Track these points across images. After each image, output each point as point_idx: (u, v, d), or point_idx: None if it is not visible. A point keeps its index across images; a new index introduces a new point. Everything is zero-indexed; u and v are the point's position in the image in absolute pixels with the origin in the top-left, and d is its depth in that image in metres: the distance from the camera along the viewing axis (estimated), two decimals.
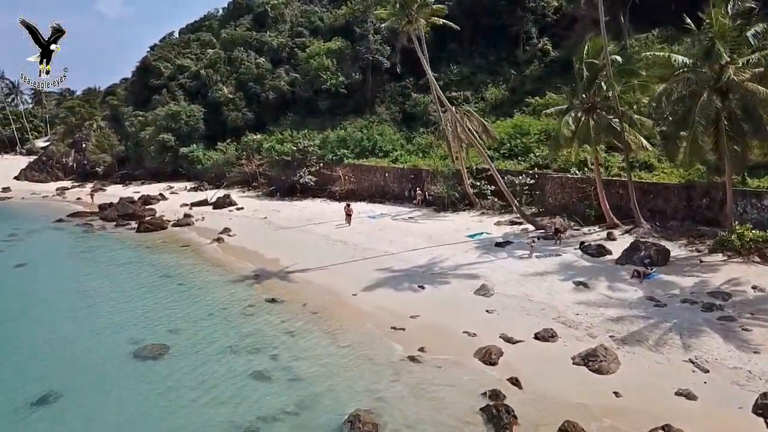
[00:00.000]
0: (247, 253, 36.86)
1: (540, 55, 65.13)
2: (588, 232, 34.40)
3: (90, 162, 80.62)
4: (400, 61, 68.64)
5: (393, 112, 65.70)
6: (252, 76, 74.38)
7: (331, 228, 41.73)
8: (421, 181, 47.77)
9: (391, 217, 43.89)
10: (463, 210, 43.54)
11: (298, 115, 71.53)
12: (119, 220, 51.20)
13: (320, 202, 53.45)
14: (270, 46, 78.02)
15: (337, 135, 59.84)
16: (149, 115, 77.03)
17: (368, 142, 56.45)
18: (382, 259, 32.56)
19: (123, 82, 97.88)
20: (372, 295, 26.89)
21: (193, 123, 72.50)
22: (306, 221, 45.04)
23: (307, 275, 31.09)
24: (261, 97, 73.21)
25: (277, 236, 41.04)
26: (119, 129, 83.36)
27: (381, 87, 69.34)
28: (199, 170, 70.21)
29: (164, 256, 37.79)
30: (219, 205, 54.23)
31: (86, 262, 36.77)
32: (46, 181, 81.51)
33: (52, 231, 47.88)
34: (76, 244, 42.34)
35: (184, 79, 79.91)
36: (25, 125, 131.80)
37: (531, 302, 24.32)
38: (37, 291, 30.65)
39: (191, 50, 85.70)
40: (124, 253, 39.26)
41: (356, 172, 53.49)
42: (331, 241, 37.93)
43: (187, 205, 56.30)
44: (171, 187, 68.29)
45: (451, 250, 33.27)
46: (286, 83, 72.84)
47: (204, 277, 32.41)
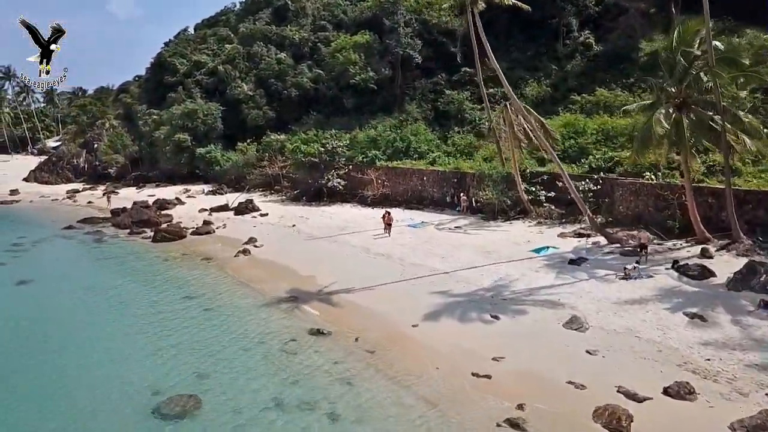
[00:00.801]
0: (279, 269, 32.49)
1: (582, 50, 60.45)
2: (674, 247, 29.67)
3: (102, 163, 76.76)
4: (428, 55, 64.13)
5: (424, 110, 61.22)
6: (273, 73, 70.17)
7: (369, 238, 37.30)
8: (465, 185, 43.20)
9: (434, 226, 39.38)
10: (516, 218, 38.95)
11: (322, 114, 67.31)
12: (133, 227, 47.05)
13: (350, 207, 49.04)
14: (291, 40, 73.81)
15: (366, 135, 55.43)
16: (164, 113, 72.97)
17: (402, 143, 51.96)
18: (436, 279, 28.04)
19: (136, 79, 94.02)
20: (436, 327, 22.39)
21: (210, 122, 68.35)
22: (339, 230, 40.65)
23: (351, 297, 26.65)
24: (282, 95, 69.03)
25: (310, 248, 36.65)
26: (132, 128, 79.45)
27: (411, 83, 64.87)
28: (217, 172, 66.05)
29: (184, 272, 33.48)
30: (241, 211, 49.94)
31: (96, 280, 32.46)
32: (57, 182, 77.71)
33: (60, 240, 43.78)
34: (86, 257, 38.15)
35: (201, 76, 75.78)
36: (36, 125, 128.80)
37: (641, 341, 19.70)
38: (39, 318, 26.21)
39: (208, 46, 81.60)
40: (138, 267, 34.99)
41: (390, 175, 49.04)
42: (372, 255, 33.49)
43: (206, 211, 52.08)
44: (187, 190, 64.16)
45: (516, 268, 28.69)
46: (308, 80, 68.66)
47: (232, 299, 28.02)
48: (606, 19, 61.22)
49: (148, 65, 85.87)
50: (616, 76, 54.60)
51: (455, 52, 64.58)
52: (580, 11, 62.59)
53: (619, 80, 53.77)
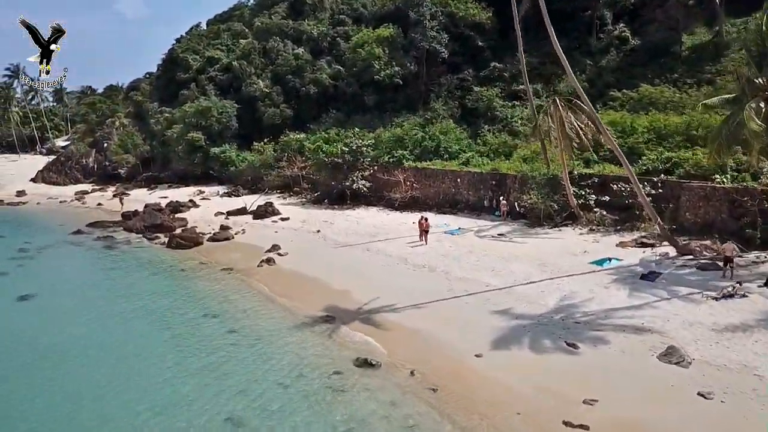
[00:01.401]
0: (308, 282, 29.26)
1: (617, 43, 56.98)
2: (758, 260, 26.18)
3: (112, 163, 73.76)
4: (454, 50, 60.71)
5: (451, 107, 57.89)
6: (290, 69, 66.98)
7: (404, 247, 34.03)
8: (505, 188, 39.81)
9: (474, 233, 36.03)
10: (564, 225, 35.52)
11: (342, 112, 64.06)
12: (146, 232, 44.00)
13: (377, 211, 45.75)
14: (309, 35, 70.58)
15: (392, 134, 52.08)
16: (176, 111, 69.86)
17: (431, 142, 48.56)
18: (491, 297, 24.72)
19: (147, 77, 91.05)
20: (505, 358, 19.07)
21: (225, 120, 65.22)
22: (369, 237, 37.39)
23: (397, 318, 23.37)
24: (300, 92, 65.84)
25: (340, 257, 33.40)
26: (143, 127, 76.44)
27: (436, 79, 61.53)
28: (233, 173, 62.92)
29: (204, 284, 30.29)
30: (260, 215, 46.75)
31: (105, 295, 29.16)
32: (65, 183, 74.78)
33: (68, 246, 40.69)
34: (95, 266, 35.02)
35: (215, 72, 72.67)
36: (45, 124, 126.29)
37: (762, 380, 16.31)
38: (41, 343, 22.96)
39: (221, 41, 78.46)
40: (152, 280, 31.76)
41: (419, 176, 45.70)
42: (411, 266, 30.17)
43: (222, 214, 48.94)
44: (201, 191, 61.06)
45: (581, 283, 25.30)
46: (328, 76, 65.35)
47: (260, 318, 24.79)
48: (644, 10, 57.71)
49: (160, 62, 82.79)
50: (657, 71, 51.20)
51: (483, 47, 61.38)
52: (615, 3, 59.14)
53: (661, 75, 50.40)
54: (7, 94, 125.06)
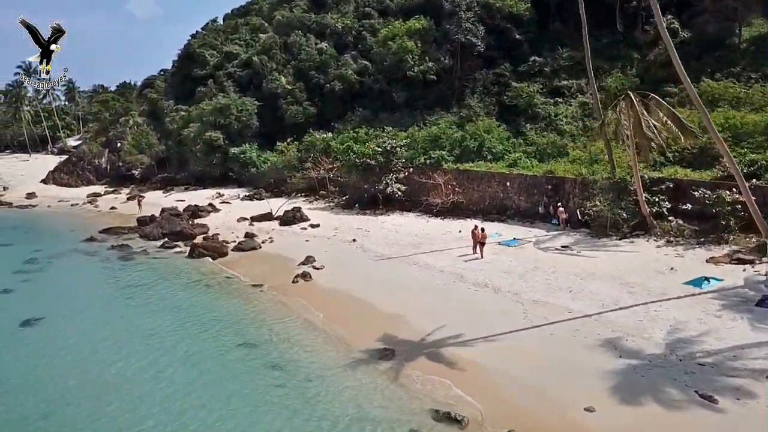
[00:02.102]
0: (354, 303, 25.44)
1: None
2: None
3: (125, 163, 70.30)
4: (489, 43, 56.73)
5: (487, 104, 53.97)
6: (313, 64, 63.37)
7: (456, 260, 30.16)
8: (563, 193, 35.81)
9: (533, 245, 32.10)
10: (635, 236, 31.46)
11: (369, 110, 60.29)
12: (164, 240, 40.43)
13: (414, 218, 41.90)
14: (333, 29, 66.87)
15: (427, 132, 48.16)
16: (193, 109, 66.43)
17: (473, 142, 44.58)
18: (579, 326, 20.78)
19: (162, 73, 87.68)
20: (628, 415, 15.13)
21: (245, 119, 61.63)
22: (412, 248, 33.57)
23: (470, 354, 19.49)
24: (324, 89, 62.15)
25: (384, 272, 29.55)
26: (158, 126, 73.05)
27: (470, 75, 57.58)
28: (253, 175, 59.30)
29: (234, 304, 26.54)
30: (288, 221, 43.01)
31: (122, 318, 25.41)
32: (76, 185, 71.46)
33: (80, 256, 37.11)
34: (110, 282, 31.22)
35: (233, 68, 69.15)
36: (56, 123, 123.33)
37: None
38: (45, 385, 19.27)
39: (240, 36, 74.94)
40: (175, 299, 27.92)
41: (461, 179, 41.77)
42: (470, 285, 26.26)
43: (246, 220, 45.26)
44: (220, 194, 57.46)
45: (683, 310, 21.29)
46: (353, 72, 61.59)
47: (306, 352, 20.94)
48: (694, 0, 53.51)
49: (175, 58, 79.34)
50: (714, 65, 47.06)
51: (520, 40, 57.40)
52: None
53: (720, 69, 46.28)
54: (18, 92, 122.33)
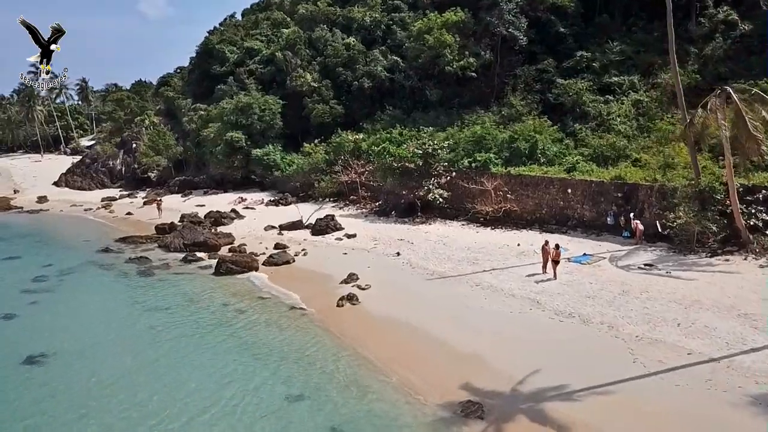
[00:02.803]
0: (417, 337, 21.53)
1: (723, 29, 48.37)
2: None
3: (141, 166, 66.79)
4: (529, 37, 52.62)
5: (530, 102, 49.87)
6: (340, 60, 59.45)
7: (525, 281, 26.22)
8: (637, 202, 31.71)
9: (609, 262, 28.07)
10: (727, 252, 27.33)
11: (399, 109, 56.49)
12: (186, 252, 36.78)
13: (461, 228, 37.99)
14: (360, 23, 62.99)
15: (470, 133, 44.14)
16: (212, 108, 62.80)
17: (524, 144, 40.53)
18: (707, 374, 16.79)
19: (178, 71, 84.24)
20: None
21: (268, 118, 57.88)
22: (467, 264, 29.67)
23: (580, 413, 15.54)
24: (352, 86, 58.30)
25: (442, 295, 25.65)
26: (175, 126, 69.63)
27: (510, 71, 53.56)
28: (277, 178, 55.59)
29: (274, 336, 22.69)
30: (321, 230, 39.24)
31: (145, 355, 21.59)
32: (90, 188, 68.05)
33: (94, 271, 33.42)
34: (128, 304, 27.32)
35: (255, 65, 65.44)
36: (69, 123, 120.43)
37: None
38: None
39: (260, 31, 71.25)
40: (206, 327, 24.07)
41: (514, 185, 37.79)
42: (552, 315, 22.30)
43: (274, 228, 41.56)
44: (243, 199, 53.80)
45: None
46: (383, 68, 57.73)
47: (370, 406, 17.02)
48: None
49: (193, 54, 75.78)
50: None
51: (565, 33, 53.23)
52: None
53: None
54: (31, 92, 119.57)
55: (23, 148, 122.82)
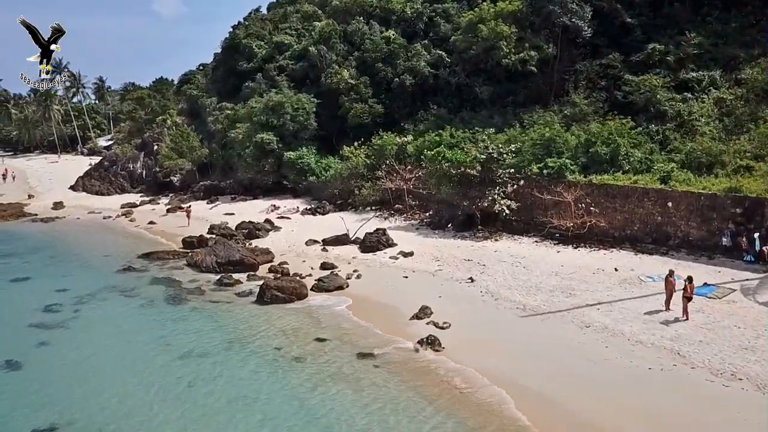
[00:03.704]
0: (537, 405, 16.52)
1: None
2: None
3: (163, 169, 62.26)
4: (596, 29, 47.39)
5: (594, 100, 44.61)
6: (380, 55, 54.51)
7: (646, 321, 21.15)
8: (763, 220, 26.42)
9: (741, 294, 22.87)
10: None
11: (445, 108, 51.55)
12: (220, 271, 32.08)
13: (534, 245, 32.93)
14: (400, 15, 58.02)
15: (538, 135, 38.94)
16: (240, 108, 58.15)
17: (604, 148, 35.28)
18: None
19: (201, 68, 79.73)
20: None
21: (302, 118, 53.06)
22: (561, 293, 24.65)
23: None
24: (392, 84, 53.36)
25: (546, 340, 20.63)
26: (199, 126, 65.07)
27: (570, 66, 48.36)
28: (312, 184, 50.74)
29: (347, 401, 17.71)
30: (371, 247, 34.33)
31: (186, 426, 16.73)
32: (108, 192, 63.60)
33: (116, 297, 28.61)
34: (160, 346, 22.22)
35: (285, 61, 60.68)
36: (87, 122, 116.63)
37: None
38: None
39: (290, 25, 66.49)
40: (258, 381, 19.14)
41: (598, 195, 32.61)
42: (711, 376, 17.18)
43: (317, 243, 36.75)
44: (275, 207, 49.00)
45: None
46: (426, 63, 52.77)
47: None
48: None
49: (218, 50, 71.07)
50: None
51: (632, 24, 47.90)
52: None
53: None
54: (48, 91, 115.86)
55: (40, 148, 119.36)
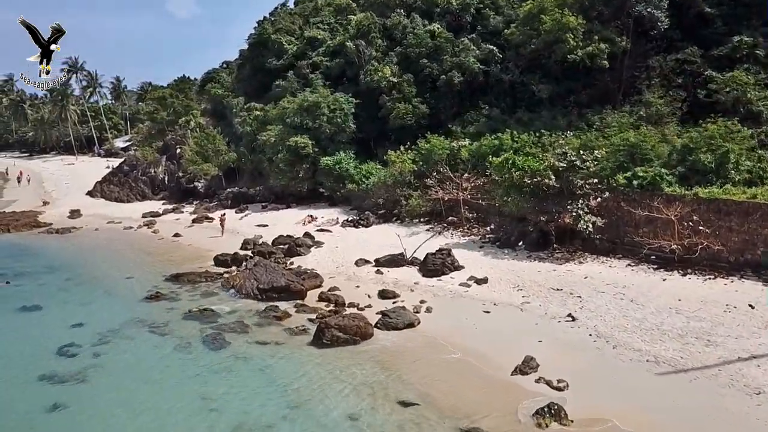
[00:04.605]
0: None
1: None
2: None
3: (186, 174, 57.88)
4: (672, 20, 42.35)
5: (670, 100, 39.63)
6: (425, 51, 49.72)
7: None
8: None
9: None
10: None
11: (498, 108, 46.74)
12: (263, 298, 27.53)
13: (628, 269, 28.02)
14: (445, 8, 53.22)
15: (620, 139, 33.83)
16: (270, 108, 53.62)
17: (708, 156, 30.15)
18: None
19: (224, 66, 75.31)
20: None
21: (339, 120, 48.46)
22: (694, 339, 19.75)
23: None
24: (438, 82, 48.57)
25: (704, 412, 15.76)
26: (225, 128, 60.61)
27: (642, 62, 43.37)
28: (352, 192, 46.07)
29: None
30: (433, 270, 29.50)
31: None
32: (128, 199, 59.26)
33: (143, 335, 23.84)
34: (202, 411, 17.22)
35: (318, 57, 56.08)
36: (103, 123, 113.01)
37: None
38: None
39: (322, 18, 61.88)
40: None
41: (707, 212, 27.55)
42: None
43: (368, 263, 32.06)
44: (313, 218, 44.38)
45: None
46: (475, 59, 47.96)
47: None
48: None
49: (245, 46, 66.54)
50: None
51: (711, 14, 42.80)
52: None
53: None
54: (64, 91, 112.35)
55: (56, 149, 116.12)
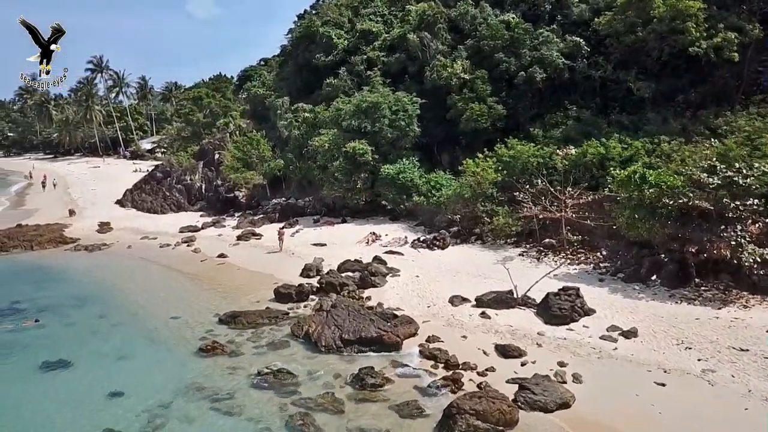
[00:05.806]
0: None
1: None
2: None
3: (226, 183, 52.26)
4: None
5: None
6: (500, 43, 43.48)
7: None
8: None
9: None
10: None
11: (587, 108, 40.51)
12: (347, 351, 21.58)
13: None
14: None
15: None
16: (322, 110, 47.77)
17: None
18: None
19: (262, 64, 69.65)
20: None
21: (403, 123, 42.44)
22: None
23: None
24: (516, 78, 42.29)
25: None
26: (268, 131, 54.87)
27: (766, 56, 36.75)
28: (417, 205, 40.03)
29: None
30: (560, 316, 23.20)
31: None
32: (162, 210, 53.64)
33: (205, 416, 17.87)
34: None
35: (374, 52, 50.10)
36: (129, 124, 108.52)
37: None
38: None
39: (374, 9, 55.89)
40: None
41: None
42: None
43: (466, 302, 25.93)
44: (376, 236, 38.34)
45: None
46: (559, 53, 41.69)
47: None
48: None
49: (286, 41, 60.79)
50: None
51: None
52: None
53: None
54: (89, 90, 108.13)
55: (81, 150, 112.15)
